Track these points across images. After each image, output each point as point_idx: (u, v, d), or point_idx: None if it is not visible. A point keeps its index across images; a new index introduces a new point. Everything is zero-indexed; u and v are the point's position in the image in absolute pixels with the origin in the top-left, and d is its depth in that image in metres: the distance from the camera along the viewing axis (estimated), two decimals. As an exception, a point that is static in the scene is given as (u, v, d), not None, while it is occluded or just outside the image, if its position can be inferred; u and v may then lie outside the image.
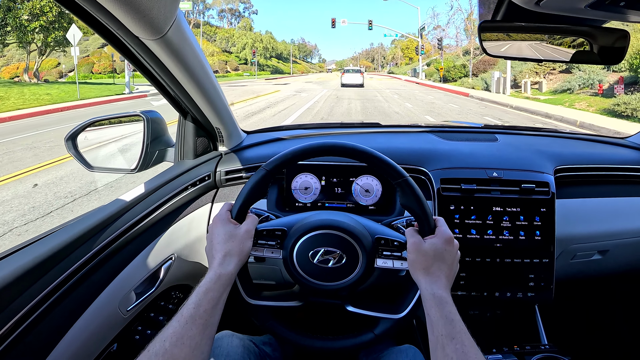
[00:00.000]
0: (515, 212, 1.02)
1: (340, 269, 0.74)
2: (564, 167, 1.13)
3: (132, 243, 0.90)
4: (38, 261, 0.69)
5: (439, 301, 0.64)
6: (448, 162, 1.10)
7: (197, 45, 0.83)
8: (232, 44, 70.43)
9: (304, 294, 0.78)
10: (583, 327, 1.53)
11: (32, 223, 3.37)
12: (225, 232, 0.71)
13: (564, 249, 1.11)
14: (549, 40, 0.92)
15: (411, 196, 0.72)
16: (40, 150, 6.23)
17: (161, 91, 0.96)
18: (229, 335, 0.90)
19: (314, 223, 0.76)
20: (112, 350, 0.88)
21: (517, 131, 1.41)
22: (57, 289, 0.71)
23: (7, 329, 0.62)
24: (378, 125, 1.49)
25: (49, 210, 3.66)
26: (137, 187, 0.97)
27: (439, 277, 0.68)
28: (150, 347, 0.56)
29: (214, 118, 1.07)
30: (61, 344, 0.71)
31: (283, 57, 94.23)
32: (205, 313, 0.61)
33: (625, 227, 1.15)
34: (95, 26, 0.67)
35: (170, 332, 0.58)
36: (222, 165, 1.14)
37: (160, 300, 1.07)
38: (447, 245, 0.70)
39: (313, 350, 0.75)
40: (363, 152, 0.74)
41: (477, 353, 0.58)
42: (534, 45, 0.91)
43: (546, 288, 1.01)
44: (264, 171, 0.74)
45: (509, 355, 0.94)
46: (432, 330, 0.63)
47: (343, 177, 1.11)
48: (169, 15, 0.67)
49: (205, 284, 0.65)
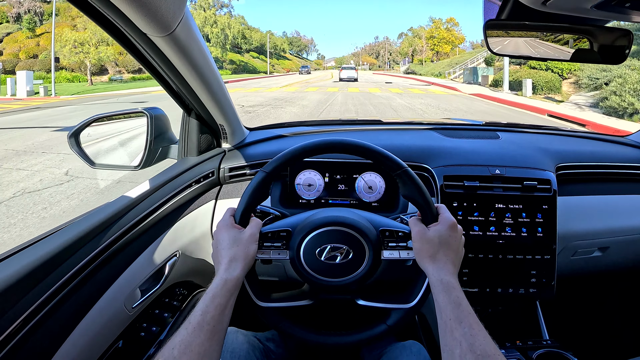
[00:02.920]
0: (518, 209, 1.03)
1: (348, 264, 0.75)
2: (565, 164, 1.14)
3: (137, 240, 0.90)
4: (44, 260, 0.68)
5: (446, 287, 0.65)
6: (451, 159, 1.10)
7: (203, 42, 0.82)
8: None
9: (314, 292, 0.79)
10: (583, 322, 1.55)
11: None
12: (230, 238, 0.71)
13: (565, 246, 1.13)
14: (552, 39, 0.93)
15: (412, 186, 0.73)
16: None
17: (165, 87, 0.96)
18: (234, 332, 0.90)
19: (318, 221, 0.76)
20: (118, 347, 0.88)
21: (519, 129, 1.42)
22: (63, 287, 0.71)
23: (15, 327, 0.62)
24: (380, 122, 1.49)
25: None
26: (142, 184, 0.97)
27: (446, 263, 0.68)
28: (159, 356, 0.57)
29: (218, 115, 1.06)
30: (68, 342, 0.71)
31: (275, 52, 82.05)
32: (213, 319, 0.61)
33: (626, 225, 1.17)
34: (102, 22, 0.67)
35: (179, 340, 0.58)
36: (226, 162, 1.14)
37: (164, 297, 1.07)
38: (451, 230, 0.71)
39: (327, 347, 0.76)
40: (361, 146, 0.74)
41: (485, 336, 0.59)
42: (537, 44, 0.92)
43: (548, 284, 1.02)
44: (264, 174, 0.74)
45: (511, 351, 0.95)
46: (440, 316, 0.64)
47: (346, 174, 1.11)
48: (177, 12, 0.66)
49: (212, 290, 0.65)
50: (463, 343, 0.58)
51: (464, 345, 0.58)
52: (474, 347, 0.57)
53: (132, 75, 30.85)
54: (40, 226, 3.29)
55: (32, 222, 3.40)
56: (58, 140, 6.83)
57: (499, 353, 0.57)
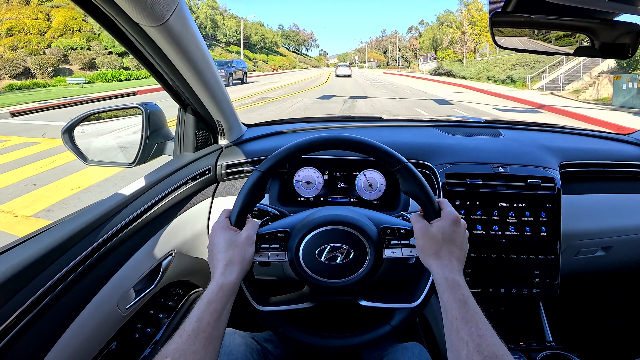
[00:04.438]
0: (521, 208, 1.00)
1: (349, 264, 0.72)
2: (568, 162, 1.12)
3: (131, 239, 0.88)
4: (35, 258, 0.66)
5: (451, 285, 0.63)
6: (453, 157, 1.08)
7: (198, 34, 0.80)
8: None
9: (314, 294, 0.76)
10: (587, 323, 1.53)
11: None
12: (226, 240, 0.68)
13: (568, 245, 1.11)
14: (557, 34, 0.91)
15: (412, 181, 0.71)
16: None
17: (161, 82, 0.93)
18: (231, 333, 0.88)
19: (317, 220, 0.74)
20: (111, 349, 0.86)
21: (521, 126, 1.39)
22: (55, 286, 0.69)
23: (5, 327, 0.60)
24: (380, 119, 1.47)
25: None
26: (136, 182, 0.94)
27: (450, 260, 0.66)
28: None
29: (215, 110, 1.04)
30: (59, 343, 0.69)
31: (265, 47, 66.38)
32: (209, 326, 0.59)
33: (629, 224, 1.15)
34: (92, 12, 0.64)
35: (173, 349, 0.56)
36: (223, 158, 1.12)
37: (159, 297, 1.05)
38: (454, 226, 0.68)
39: (330, 350, 0.74)
40: (359, 142, 0.72)
41: (492, 336, 0.57)
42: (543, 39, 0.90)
43: (551, 284, 1.01)
44: (259, 173, 0.72)
45: (515, 352, 0.93)
46: (446, 315, 0.61)
47: (346, 171, 1.09)
48: (170, 1, 0.64)
49: (207, 296, 0.62)
50: (470, 343, 0.56)
51: (471, 345, 0.55)
52: (481, 347, 0.55)
53: (10, 83, 18.33)
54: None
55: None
56: None
57: (508, 354, 0.55)
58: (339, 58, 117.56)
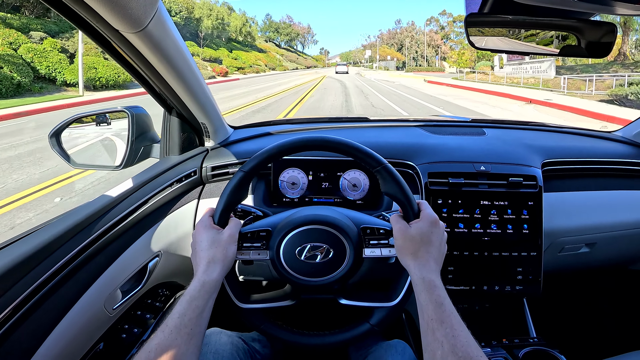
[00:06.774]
0: (503, 206, 1.02)
1: (329, 263, 0.74)
2: (551, 160, 1.14)
3: (118, 240, 0.89)
4: (20, 259, 0.67)
5: (428, 285, 0.64)
6: (436, 156, 1.09)
7: (179, 39, 0.81)
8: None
9: (295, 293, 0.78)
10: (571, 320, 1.55)
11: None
12: (208, 238, 0.70)
13: (552, 242, 1.12)
14: (537, 34, 0.92)
15: (392, 182, 0.72)
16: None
17: (145, 86, 0.94)
18: (217, 333, 0.89)
19: (298, 220, 0.75)
20: (98, 350, 0.87)
21: (505, 125, 1.41)
22: (41, 288, 0.69)
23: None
24: (366, 119, 1.48)
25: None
26: (122, 184, 0.95)
27: (428, 261, 0.67)
28: (136, 359, 0.55)
29: (199, 113, 1.05)
30: (45, 344, 0.70)
31: (233, 40, 51.49)
32: (191, 322, 0.60)
33: (612, 220, 1.16)
34: (74, 19, 0.65)
35: (155, 343, 0.57)
36: (209, 160, 1.13)
37: (147, 298, 1.06)
38: (432, 227, 0.70)
39: (309, 348, 0.75)
40: (339, 142, 0.73)
41: (467, 336, 0.58)
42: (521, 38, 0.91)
43: (534, 281, 1.02)
44: (242, 173, 0.73)
45: (497, 349, 0.94)
46: (422, 315, 0.63)
47: (331, 171, 1.10)
48: (149, 8, 0.65)
49: (189, 293, 0.64)
50: (445, 344, 0.57)
51: (446, 346, 0.57)
52: (455, 348, 0.56)
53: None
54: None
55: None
56: None
57: (482, 354, 0.56)
58: (341, 57, 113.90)
